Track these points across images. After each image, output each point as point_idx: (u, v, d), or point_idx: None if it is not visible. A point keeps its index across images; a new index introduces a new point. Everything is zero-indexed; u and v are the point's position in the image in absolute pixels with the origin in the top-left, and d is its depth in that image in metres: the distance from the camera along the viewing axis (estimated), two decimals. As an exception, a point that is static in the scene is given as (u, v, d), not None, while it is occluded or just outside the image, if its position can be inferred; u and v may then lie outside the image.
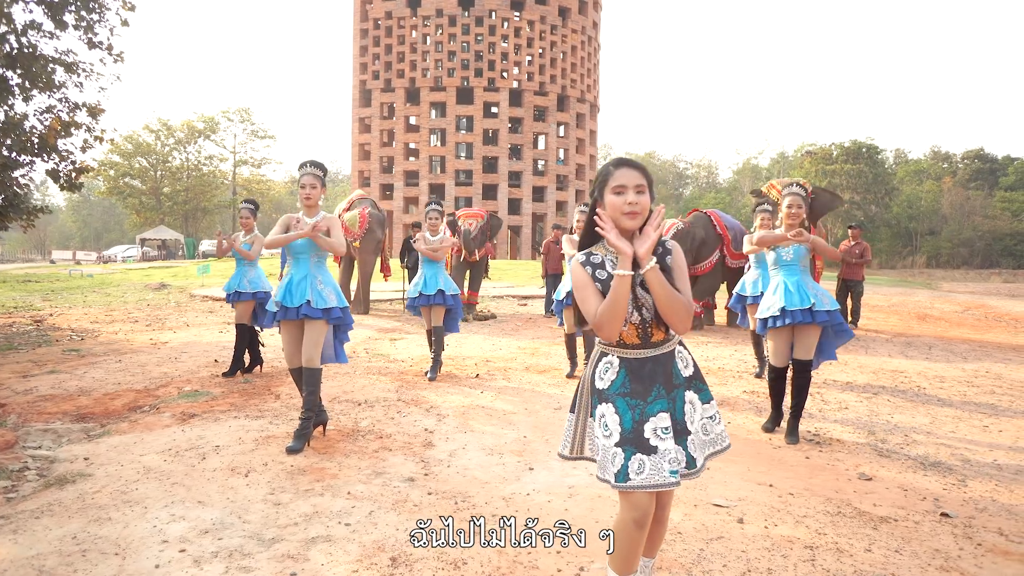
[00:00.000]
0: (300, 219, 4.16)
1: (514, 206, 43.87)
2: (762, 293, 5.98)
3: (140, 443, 4.15)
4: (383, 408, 5.12)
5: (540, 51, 41.68)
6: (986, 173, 60.64)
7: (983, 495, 3.48)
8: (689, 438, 2.07)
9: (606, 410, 2.06)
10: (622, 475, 1.98)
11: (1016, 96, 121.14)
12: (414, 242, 6.28)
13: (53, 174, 11.31)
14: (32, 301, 14.23)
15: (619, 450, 2.00)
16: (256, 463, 3.80)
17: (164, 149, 52.20)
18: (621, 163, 2.02)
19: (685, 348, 2.19)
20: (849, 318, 10.68)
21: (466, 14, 40.97)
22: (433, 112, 42.93)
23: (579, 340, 7.24)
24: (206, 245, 44.71)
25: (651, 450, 1.97)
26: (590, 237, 2.13)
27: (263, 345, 6.71)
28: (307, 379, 4.04)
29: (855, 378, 6.50)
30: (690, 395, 2.11)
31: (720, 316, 11.14)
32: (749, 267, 6.55)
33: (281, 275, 6.11)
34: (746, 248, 5.26)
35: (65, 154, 11.30)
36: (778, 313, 4.32)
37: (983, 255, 54.11)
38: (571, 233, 6.69)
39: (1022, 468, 3.91)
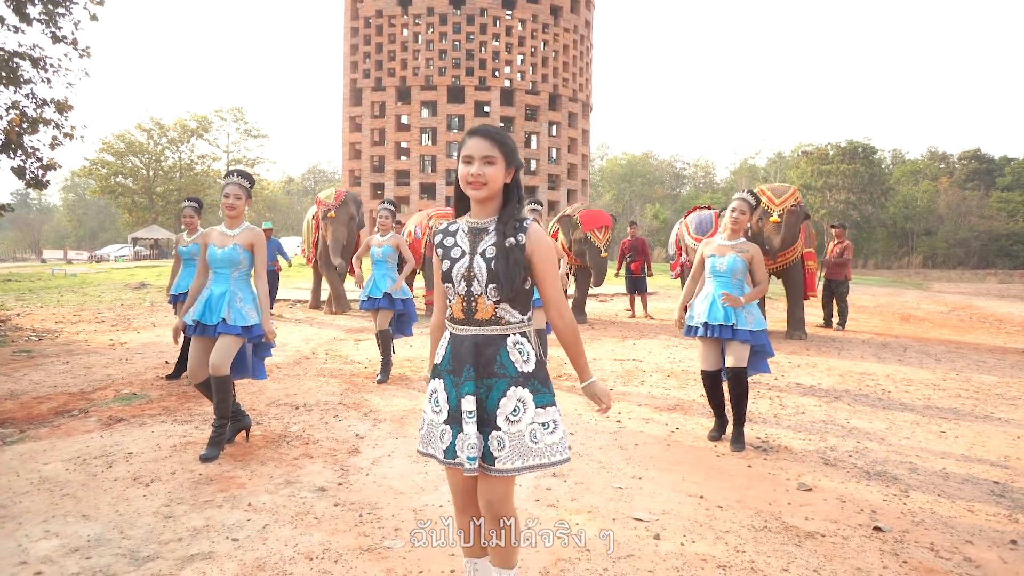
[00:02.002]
0: (216, 231, 3.96)
1: (507, 206, 43.51)
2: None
3: (50, 450, 3.95)
4: (320, 412, 4.93)
5: (532, 50, 41.45)
6: (983, 173, 60.47)
7: (923, 507, 3.29)
8: (494, 433, 1.92)
9: (437, 385, 2.04)
10: (451, 451, 1.96)
11: (1013, 96, 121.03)
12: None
13: (19, 171, 11.10)
14: (4, 301, 14.03)
15: (447, 427, 1.98)
16: (164, 472, 3.61)
17: (157, 148, 51.95)
18: (473, 132, 1.96)
19: (529, 341, 2.00)
20: (836, 319, 10.50)
21: (457, 12, 40.73)
22: (424, 111, 42.70)
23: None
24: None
25: (461, 431, 1.94)
26: (458, 206, 2.09)
27: None
28: (216, 387, 3.83)
29: (820, 381, 6.31)
30: (522, 392, 1.94)
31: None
32: None
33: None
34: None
35: (31, 151, 11.10)
36: (699, 326, 4.21)
37: (979, 255, 53.94)
38: None
39: (969, 477, 3.72)
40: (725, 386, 4.36)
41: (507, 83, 41.99)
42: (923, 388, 6.06)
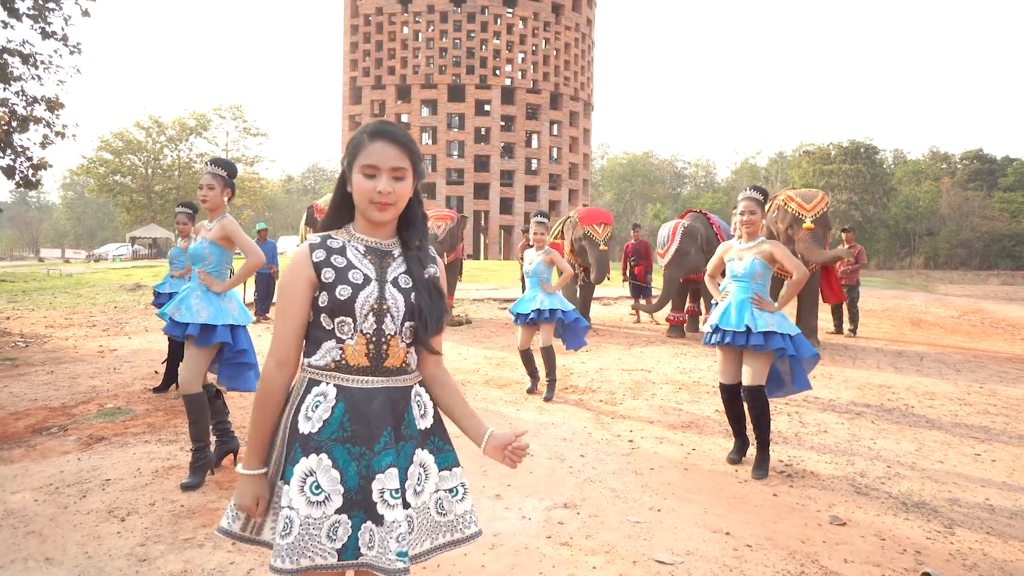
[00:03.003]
0: (202, 226, 3.70)
1: (506, 205, 43.36)
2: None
3: (21, 476, 3.66)
4: (314, 431, 4.64)
5: (533, 48, 41.17)
6: (985, 174, 60.19)
7: (972, 547, 3.00)
8: (407, 511, 1.50)
9: (313, 464, 1.45)
10: (351, 549, 1.43)
11: (1015, 97, 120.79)
12: None
13: (8, 171, 10.82)
14: (-5, 303, 13.73)
15: (342, 517, 1.44)
16: (142, 503, 3.32)
17: (155, 146, 51.58)
18: (379, 133, 1.51)
19: (424, 389, 1.63)
20: (847, 326, 10.21)
21: (458, 10, 40.44)
22: (424, 110, 42.43)
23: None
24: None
25: (379, 519, 1.44)
26: (336, 216, 1.61)
27: None
28: (187, 407, 3.53)
29: (839, 395, 6.03)
30: (422, 455, 1.56)
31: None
32: None
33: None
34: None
35: (21, 150, 10.82)
36: (711, 330, 3.93)
37: (981, 256, 53.67)
38: (529, 244, 6.21)
39: (1017, 511, 3.43)
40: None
41: (508, 81, 41.69)
42: (948, 403, 5.78)
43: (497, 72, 41.24)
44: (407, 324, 1.53)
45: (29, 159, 10.83)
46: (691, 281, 9.59)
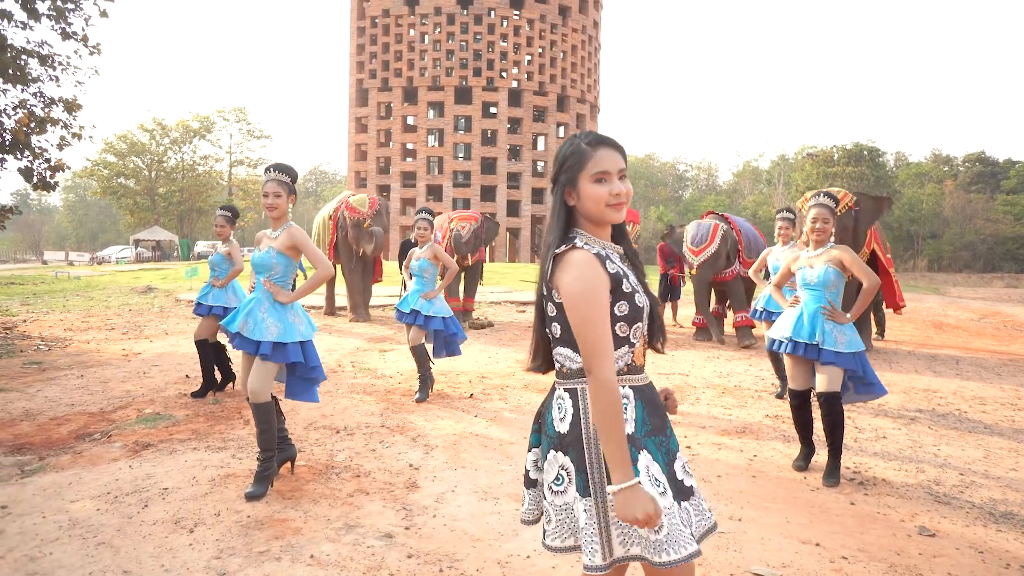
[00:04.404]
0: (265, 234, 3.60)
1: (513, 208, 43.26)
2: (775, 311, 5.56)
3: (76, 484, 3.56)
4: (364, 437, 4.53)
5: (540, 50, 41.10)
6: (988, 176, 60.14)
7: (1075, 559, 2.90)
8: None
9: (645, 461, 1.57)
10: (692, 538, 1.54)
11: (1018, 99, 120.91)
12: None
13: (26, 173, 10.70)
14: (9, 305, 13.61)
15: (676, 505, 1.56)
16: (207, 513, 3.21)
17: (159, 149, 51.50)
18: (599, 141, 1.62)
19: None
20: (874, 329, 10.08)
21: (465, 12, 40.37)
22: (431, 112, 42.35)
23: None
24: (202, 246, 43.99)
25: (687, 492, 1.62)
26: (567, 229, 1.66)
27: (232, 361, 6.02)
28: (255, 415, 3.45)
29: (886, 399, 5.91)
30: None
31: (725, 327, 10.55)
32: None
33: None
34: (765, 275, 4.54)
35: (39, 151, 10.70)
36: (784, 340, 3.87)
37: (985, 259, 53.60)
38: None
39: (1111, 521, 3.33)
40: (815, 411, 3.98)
41: (515, 84, 41.65)
42: (1000, 408, 5.67)
43: (504, 74, 41.19)
44: (651, 323, 1.68)
45: (47, 161, 10.71)
46: (716, 283, 9.47)
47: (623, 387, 1.61)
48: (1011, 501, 3.57)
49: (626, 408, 1.59)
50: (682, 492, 1.61)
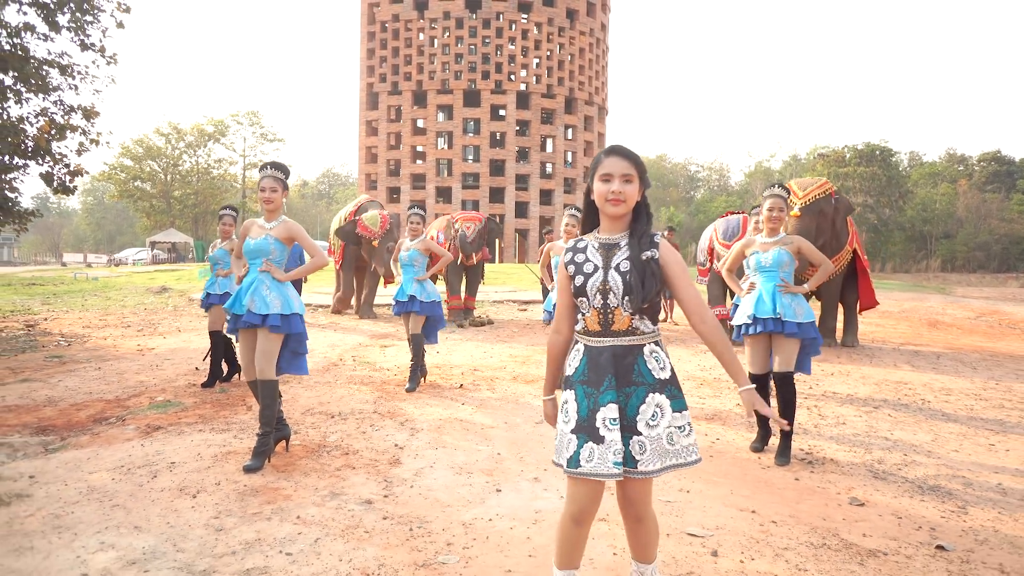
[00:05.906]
0: (256, 224, 3.98)
1: (521, 209, 43.63)
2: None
3: (93, 459, 3.96)
4: (356, 421, 4.91)
5: (548, 53, 41.47)
6: (1003, 176, 59.56)
7: (984, 524, 3.21)
8: (635, 438, 2.03)
9: (568, 396, 2.11)
10: (574, 461, 2.02)
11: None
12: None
13: (47, 178, 11.21)
14: (31, 305, 14.18)
15: (574, 437, 2.04)
16: (208, 482, 3.60)
17: (174, 152, 52.42)
18: (611, 151, 2.06)
19: (662, 350, 2.12)
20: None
21: (473, 16, 40.84)
22: (440, 115, 42.83)
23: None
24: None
25: (599, 439, 2.00)
26: (589, 222, 2.18)
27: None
28: (261, 392, 3.84)
29: (856, 390, 6.22)
30: (659, 398, 2.05)
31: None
32: None
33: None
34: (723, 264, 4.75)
35: (59, 157, 11.21)
36: (749, 321, 4.17)
37: (1000, 259, 53.15)
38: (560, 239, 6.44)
39: (1028, 494, 3.62)
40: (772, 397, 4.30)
41: (523, 86, 41.98)
42: (964, 398, 5.95)
43: (512, 77, 41.58)
44: (627, 298, 2.02)
45: (67, 166, 11.22)
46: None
47: (576, 343, 2.15)
48: (942, 477, 3.87)
49: (575, 357, 2.13)
50: (592, 436, 2.01)
